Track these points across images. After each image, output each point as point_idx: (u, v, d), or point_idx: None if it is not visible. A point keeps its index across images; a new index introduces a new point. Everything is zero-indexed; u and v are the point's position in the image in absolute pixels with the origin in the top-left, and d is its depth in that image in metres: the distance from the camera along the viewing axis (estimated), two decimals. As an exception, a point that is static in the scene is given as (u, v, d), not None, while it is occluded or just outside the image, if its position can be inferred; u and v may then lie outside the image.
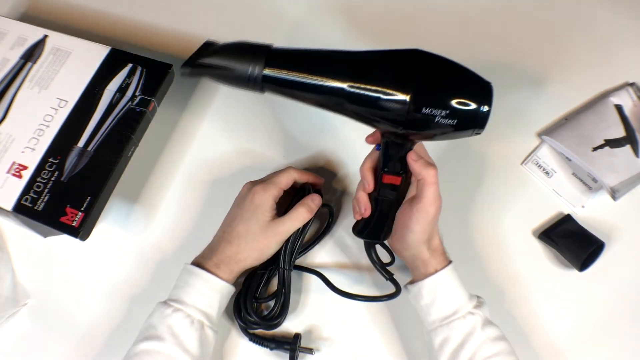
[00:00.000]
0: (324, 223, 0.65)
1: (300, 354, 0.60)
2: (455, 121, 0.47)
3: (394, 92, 0.47)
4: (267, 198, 0.58)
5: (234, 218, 0.59)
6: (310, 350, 0.60)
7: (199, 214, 0.67)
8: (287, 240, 0.59)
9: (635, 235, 0.66)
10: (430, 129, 0.48)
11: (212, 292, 0.56)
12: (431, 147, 0.69)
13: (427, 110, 0.46)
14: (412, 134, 0.50)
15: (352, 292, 0.59)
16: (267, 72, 0.48)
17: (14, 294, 0.63)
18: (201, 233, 0.62)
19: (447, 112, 0.47)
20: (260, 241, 0.58)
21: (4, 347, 0.62)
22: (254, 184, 0.60)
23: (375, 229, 0.57)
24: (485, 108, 0.47)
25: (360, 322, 0.63)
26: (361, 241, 0.59)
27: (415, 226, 0.53)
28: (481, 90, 0.48)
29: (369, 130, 0.54)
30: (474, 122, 0.48)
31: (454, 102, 0.47)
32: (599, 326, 0.62)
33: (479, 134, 0.49)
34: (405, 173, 0.55)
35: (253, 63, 0.48)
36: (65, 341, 0.62)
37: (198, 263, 0.58)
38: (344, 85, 0.48)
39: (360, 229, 0.58)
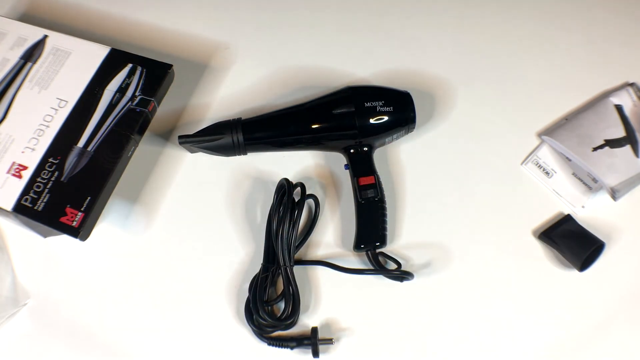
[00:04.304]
0: (312, 214, 0.66)
1: (324, 347, 0.60)
2: (392, 107, 0.63)
3: (342, 110, 0.63)
4: None
5: None
6: (330, 341, 0.60)
7: (198, 214, 0.67)
8: (281, 238, 0.60)
9: (635, 235, 0.66)
10: (376, 119, 0.63)
11: None
12: (433, 151, 0.69)
13: (369, 104, 0.63)
14: (367, 135, 0.63)
15: (362, 268, 0.63)
16: (246, 137, 0.64)
17: (14, 294, 0.63)
18: (201, 233, 0.62)
19: (383, 101, 0.63)
20: None
21: (4, 347, 0.62)
22: None
23: (372, 234, 0.62)
24: (409, 97, 0.65)
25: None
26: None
27: None
28: (401, 93, 0.66)
29: None
30: (404, 106, 0.64)
31: (386, 95, 0.65)
32: (599, 326, 0.62)
33: (413, 124, 0.65)
34: (375, 173, 0.64)
35: (234, 133, 0.64)
36: (65, 341, 0.62)
37: None
38: (308, 128, 0.64)
39: (359, 242, 0.62)
